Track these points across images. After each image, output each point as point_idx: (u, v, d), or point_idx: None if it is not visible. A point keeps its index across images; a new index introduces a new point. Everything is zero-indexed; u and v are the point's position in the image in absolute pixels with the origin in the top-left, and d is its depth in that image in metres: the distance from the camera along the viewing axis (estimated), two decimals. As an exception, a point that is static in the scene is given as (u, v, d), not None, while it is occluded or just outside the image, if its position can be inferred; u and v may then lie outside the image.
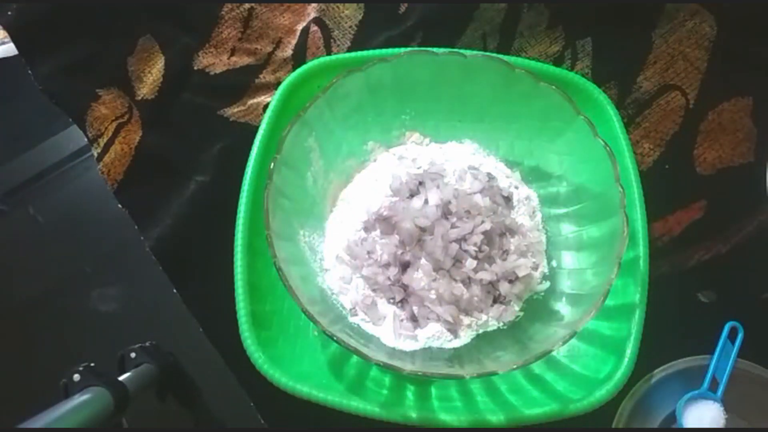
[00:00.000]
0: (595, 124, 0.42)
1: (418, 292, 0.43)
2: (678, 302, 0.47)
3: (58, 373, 0.85)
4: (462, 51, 0.45)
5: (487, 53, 0.52)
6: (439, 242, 0.42)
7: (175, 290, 0.51)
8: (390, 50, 0.51)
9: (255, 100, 0.57)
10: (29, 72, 0.59)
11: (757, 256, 0.49)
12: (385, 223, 0.44)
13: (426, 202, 0.44)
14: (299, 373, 0.41)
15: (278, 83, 0.52)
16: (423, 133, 0.51)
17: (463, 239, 0.43)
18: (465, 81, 0.46)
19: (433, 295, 0.42)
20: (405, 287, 0.43)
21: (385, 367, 0.36)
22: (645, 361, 0.41)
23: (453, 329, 0.43)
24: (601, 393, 0.39)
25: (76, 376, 0.83)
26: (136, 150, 0.55)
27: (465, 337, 0.43)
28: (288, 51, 0.58)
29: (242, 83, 0.57)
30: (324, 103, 0.44)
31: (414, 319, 0.43)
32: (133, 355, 0.99)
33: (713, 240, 0.49)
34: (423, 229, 0.43)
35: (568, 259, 0.46)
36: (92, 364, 0.85)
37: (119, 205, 0.54)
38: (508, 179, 0.49)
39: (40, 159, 1.29)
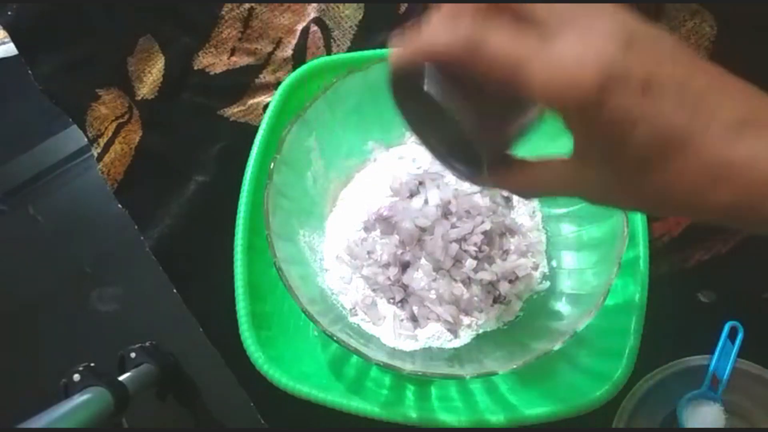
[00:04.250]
0: (595, 124, 0.42)
1: (418, 292, 0.43)
2: (678, 302, 0.47)
3: (58, 373, 0.85)
4: (462, 51, 0.45)
5: (487, 53, 0.52)
6: (439, 242, 0.42)
7: (175, 290, 0.51)
8: (390, 50, 0.51)
9: (255, 100, 0.57)
10: (29, 72, 0.59)
11: (757, 256, 0.49)
12: (385, 223, 0.44)
13: (426, 202, 0.44)
14: (299, 373, 0.41)
15: (278, 83, 0.52)
16: (423, 133, 0.51)
17: (463, 239, 0.43)
18: (465, 81, 0.46)
19: (433, 295, 0.42)
20: (405, 287, 0.43)
21: (385, 367, 0.36)
22: (645, 361, 0.41)
23: (453, 329, 0.43)
24: (601, 393, 0.39)
25: (76, 376, 0.83)
26: (136, 150, 0.55)
27: (465, 337, 0.43)
28: (288, 51, 0.58)
29: (242, 83, 0.57)
30: (324, 103, 0.44)
31: (414, 319, 0.43)
32: (133, 355, 0.99)
33: (713, 240, 0.49)
34: (423, 229, 0.43)
35: (568, 259, 0.46)
36: (92, 364, 0.85)
37: (119, 205, 0.54)
38: (508, 179, 0.49)
39: (40, 159, 1.30)
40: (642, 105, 0.20)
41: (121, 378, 0.89)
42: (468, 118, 0.24)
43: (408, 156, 0.49)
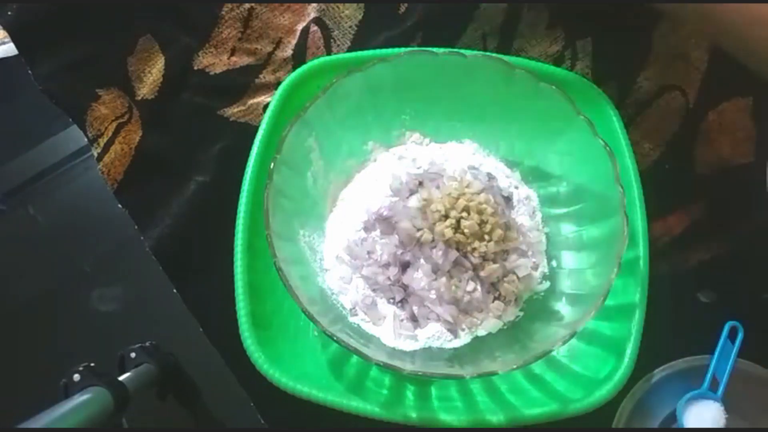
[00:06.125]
0: (595, 124, 0.42)
1: (418, 292, 0.43)
2: (678, 302, 0.47)
3: (58, 373, 0.85)
4: (462, 51, 0.45)
5: (487, 53, 0.52)
6: (441, 245, 0.42)
7: (175, 290, 0.51)
8: (390, 50, 0.51)
9: (255, 100, 0.57)
10: (29, 72, 0.59)
11: (757, 256, 0.49)
12: (385, 223, 0.44)
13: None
14: (299, 373, 0.41)
15: (278, 83, 0.52)
16: (423, 133, 0.51)
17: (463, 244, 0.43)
18: (465, 81, 0.46)
19: (433, 295, 0.42)
20: (405, 287, 0.43)
21: (385, 367, 0.36)
22: (645, 361, 0.41)
23: (453, 329, 0.43)
24: (601, 393, 0.39)
25: (76, 376, 0.83)
26: (136, 150, 0.55)
27: (465, 337, 0.43)
28: (288, 51, 0.58)
29: (242, 83, 0.57)
30: (324, 103, 0.44)
31: (414, 319, 0.43)
32: (133, 355, 0.99)
33: (713, 240, 0.49)
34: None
35: (568, 259, 0.46)
36: (92, 364, 0.85)
37: (119, 205, 0.54)
38: (508, 179, 0.49)
39: (40, 159, 1.30)
40: None
41: (121, 378, 0.89)
42: None
43: (408, 156, 0.50)
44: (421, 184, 0.46)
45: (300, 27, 0.58)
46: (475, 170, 0.47)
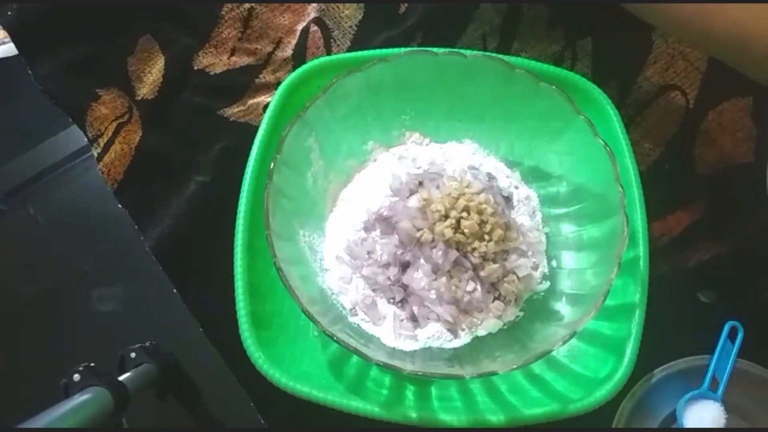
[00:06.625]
0: (595, 124, 0.42)
1: (418, 292, 0.43)
2: (678, 302, 0.47)
3: (58, 373, 0.85)
4: (462, 51, 0.45)
5: (487, 53, 0.52)
6: (441, 245, 0.42)
7: (175, 290, 0.51)
8: (390, 50, 0.51)
9: (255, 100, 0.57)
10: (29, 72, 0.59)
11: (757, 256, 0.49)
12: (385, 223, 0.44)
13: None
14: (299, 373, 0.41)
15: (278, 83, 0.52)
16: (423, 133, 0.51)
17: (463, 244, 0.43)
18: (465, 81, 0.46)
19: (433, 295, 0.42)
20: (405, 287, 0.43)
21: (385, 367, 0.36)
22: (645, 361, 0.41)
23: (453, 329, 0.43)
24: (601, 393, 0.39)
25: (76, 376, 0.83)
26: (136, 150, 0.55)
27: (465, 337, 0.43)
28: (288, 51, 0.58)
29: (242, 83, 0.57)
30: (324, 103, 0.44)
31: (414, 319, 0.43)
32: (133, 355, 0.99)
33: (713, 240, 0.49)
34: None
35: (568, 259, 0.46)
36: (92, 364, 0.85)
37: (119, 205, 0.54)
38: (508, 179, 0.49)
39: (40, 159, 1.30)
40: None
41: (121, 378, 0.89)
42: None
43: (408, 156, 0.50)
44: (421, 184, 0.46)
45: (300, 27, 0.58)
46: (475, 170, 0.47)
